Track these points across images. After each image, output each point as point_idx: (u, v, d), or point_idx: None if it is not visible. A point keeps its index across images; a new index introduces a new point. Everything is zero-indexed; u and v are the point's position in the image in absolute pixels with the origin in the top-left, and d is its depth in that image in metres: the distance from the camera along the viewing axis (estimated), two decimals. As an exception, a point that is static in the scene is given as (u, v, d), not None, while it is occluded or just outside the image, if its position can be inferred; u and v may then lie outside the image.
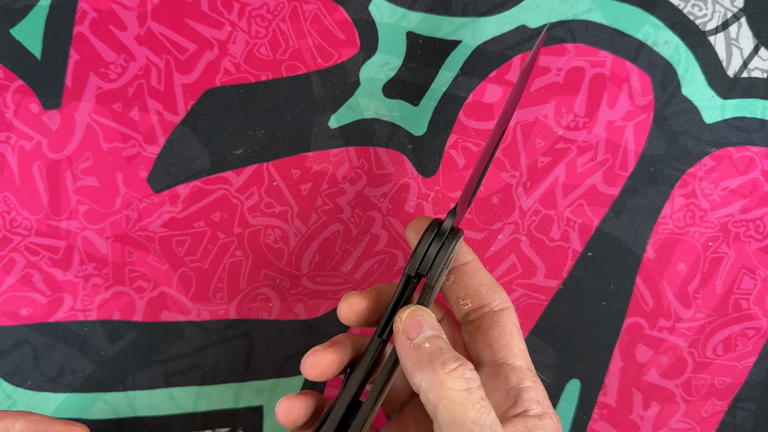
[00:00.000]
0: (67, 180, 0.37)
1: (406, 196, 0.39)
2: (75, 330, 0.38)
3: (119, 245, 0.38)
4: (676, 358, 0.40)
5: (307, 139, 0.38)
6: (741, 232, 0.39)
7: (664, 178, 0.39)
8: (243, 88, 0.37)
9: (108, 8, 0.36)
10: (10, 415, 0.32)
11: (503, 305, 0.31)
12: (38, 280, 0.37)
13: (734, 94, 0.39)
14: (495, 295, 0.31)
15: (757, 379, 0.40)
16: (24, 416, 0.32)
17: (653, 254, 0.39)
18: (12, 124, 0.37)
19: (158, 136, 0.37)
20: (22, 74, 0.36)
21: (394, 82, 0.38)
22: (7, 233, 0.37)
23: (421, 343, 0.27)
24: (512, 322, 0.31)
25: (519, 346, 0.30)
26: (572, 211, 0.39)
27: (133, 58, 0.37)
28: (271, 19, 0.37)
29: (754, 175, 0.39)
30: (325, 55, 0.37)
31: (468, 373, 0.26)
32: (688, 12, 0.38)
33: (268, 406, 0.39)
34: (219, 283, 0.38)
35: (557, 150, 0.39)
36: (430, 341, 0.27)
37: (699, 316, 0.40)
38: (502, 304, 0.31)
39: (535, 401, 0.28)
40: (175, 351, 0.38)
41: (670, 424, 0.40)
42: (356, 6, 0.37)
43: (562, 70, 0.38)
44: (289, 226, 0.38)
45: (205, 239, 0.38)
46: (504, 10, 0.38)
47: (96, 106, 0.37)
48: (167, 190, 0.38)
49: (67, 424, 0.33)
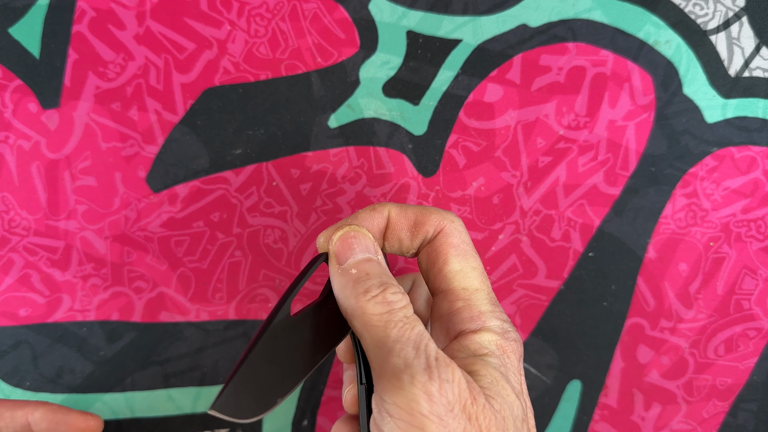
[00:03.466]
0: (66, 180, 0.37)
1: (406, 196, 0.39)
2: (74, 330, 0.38)
3: (118, 245, 0.38)
4: (677, 359, 0.40)
5: (306, 138, 0.38)
6: (742, 232, 0.39)
7: (666, 177, 0.39)
8: (242, 87, 0.37)
9: (107, 7, 0.36)
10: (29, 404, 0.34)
11: (437, 229, 0.29)
12: (37, 281, 0.37)
13: (736, 93, 0.38)
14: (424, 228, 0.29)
15: (759, 379, 0.40)
16: (42, 405, 0.34)
17: (654, 254, 0.39)
18: (10, 124, 0.36)
19: (157, 135, 0.37)
20: (21, 73, 0.36)
21: (394, 81, 0.38)
22: (6, 233, 0.37)
23: (348, 269, 0.26)
24: (448, 244, 0.28)
25: (453, 268, 0.28)
26: (573, 211, 0.39)
27: (131, 58, 0.37)
28: (270, 18, 0.37)
29: (755, 174, 0.39)
30: (324, 55, 0.37)
31: (390, 296, 0.25)
32: (689, 11, 0.38)
33: (268, 406, 0.39)
34: (218, 283, 0.38)
35: (558, 149, 0.39)
36: (357, 266, 0.26)
37: (700, 317, 0.40)
38: (435, 229, 0.29)
39: (467, 320, 0.27)
40: (174, 352, 0.38)
41: (672, 425, 0.40)
42: (356, 5, 0.37)
43: (563, 70, 0.38)
44: (289, 226, 0.38)
45: (204, 239, 0.38)
46: (504, 9, 0.37)
47: (95, 105, 0.37)
48: (166, 189, 0.38)
49: (83, 415, 0.35)
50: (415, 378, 0.23)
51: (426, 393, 0.23)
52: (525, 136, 0.38)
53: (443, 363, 0.24)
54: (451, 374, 0.23)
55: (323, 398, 0.39)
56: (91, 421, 0.34)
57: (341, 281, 0.26)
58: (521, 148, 0.38)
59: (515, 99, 0.38)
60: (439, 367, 0.23)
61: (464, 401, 0.23)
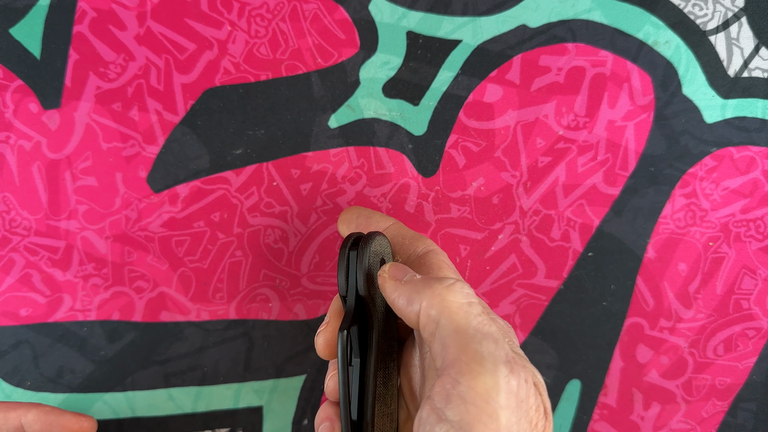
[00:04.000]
0: (67, 180, 0.37)
1: (406, 196, 0.39)
2: (74, 330, 0.38)
3: (119, 245, 0.38)
4: (676, 359, 0.40)
5: (307, 138, 0.38)
6: (742, 232, 0.39)
7: (665, 178, 0.39)
8: (243, 87, 0.37)
9: (107, 8, 0.36)
10: (22, 405, 0.34)
11: (427, 249, 0.31)
12: (38, 281, 0.37)
13: (735, 93, 0.39)
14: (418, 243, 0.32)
15: (758, 379, 0.40)
16: (36, 407, 0.34)
17: (654, 254, 0.39)
18: (11, 124, 0.37)
19: (158, 135, 0.37)
20: (22, 74, 0.36)
21: (394, 81, 0.38)
22: (7, 233, 0.37)
23: (411, 278, 0.28)
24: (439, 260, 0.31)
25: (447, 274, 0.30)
26: (573, 211, 0.39)
27: (132, 58, 0.37)
28: (270, 19, 0.37)
29: (754, 174, 0.39)
30: (324, 55, 0.37)
31: (467, 289, 0.26)
32: (688, 12, 0.38)
33: (268, 406, 0.39)
34: (219, 283, 0.38)
35: (558, 150, 0.39)
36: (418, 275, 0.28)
37: (700, 317, 0.40)
38: (426, 249, 0.31)
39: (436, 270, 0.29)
40: (174, 351, 0.38)
41: (671, 425, 0.40)
42: (356, 5, 0.37)
43: (562, 70, 0.38)
44: (289, 226, 0.38)
45: (204, 239, 0.38)
46: (504, 10, 0.38)
47: (95, 105, 0.37)
48: (167, 190, 0.38)
49: (77, 416, 0.35)
50: (498, 368, 0.24)
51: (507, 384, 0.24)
52: (525, 136, 0.38)
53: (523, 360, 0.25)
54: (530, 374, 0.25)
55: (323, 398, 0.39)
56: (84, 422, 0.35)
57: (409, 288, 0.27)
58: (521, 148, 0.38)
59: (515, 99, 0.38)
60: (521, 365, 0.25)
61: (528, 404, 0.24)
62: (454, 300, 0.26)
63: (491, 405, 0.23)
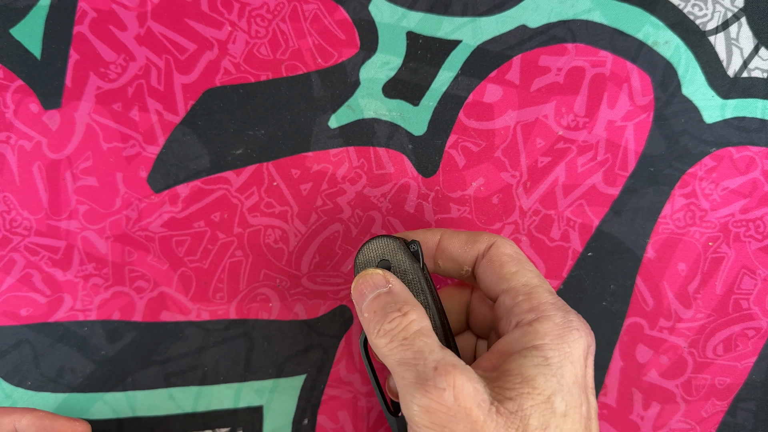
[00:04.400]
0: (67, 180, 0.37)
1: (406, 196, 0.39)
2: (75, 330, 0.38)
3: (119, 245, 0.38)
4: (676, 358, 0.40)
5: (307, 139, 0.38)
6: (741, 232, 0.39)
7: (665, 178, 0.39)
8: (243, 87, 0.37)
9: (108, 8, 0.36)
10: (16, 411, 0.34)
11: (487, 244, 0.31)
12: (38, 280, 0.37)
13: (734, 94, 0.39)
14: (476, 245, 0.31)
15: (758, 379, 0.40)
16: (29, 412, 0.34)
17: (653, 254, 0.39)
18: (12, 124, 0.37)
19: (158, 136, 0.37)
20: (22, 74, 0.36)
21: (394, 81, 0.38)
22: (7, 233, 0.37)
23: (362, 314, 0.29)
24: (500, 252, 0.30)
25: (510, 270, 0.30)
26: (572, 211, 0.39)
27: (132, 58, 0.37)
28: (271, 19, 0.37)
29: (754, 175, 0.39)
30: (325, 55, 0.37)
31: (386, 326, 0.27)
32: (688, 12, 0.38)
33: (268, 406, 0.39)
34: (219, 283, 0.38)
35: (557, 150, 0.39)
36: (368, 309, 0.28)
37: (699, 316, 0.40)
38: (486, 245, 0.31)
39: (525, 312, 0.28)
40: (174, 351, 0.38)
41: (671, 424, 0.40)
42: (356, 6, 0.37)
43: (562, 70, 0.38)
44: (289, 226, 0.38)
45: (205, 239, 0.38)
46: (504, 10, 0.38)
47: (96, 106, 0.37)
48: (167, 190, 0.38)
49: (70, 421, 0.35)
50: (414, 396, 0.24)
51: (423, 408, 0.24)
52: (524, 136, 0.38)
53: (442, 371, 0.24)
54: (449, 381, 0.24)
55: (324, 397, 0.39)
56: (78, 427, 0.35)
57: (364, 326, 0.29)
58: (521, 148, 0.39)
59: (515, 99, 0.38)
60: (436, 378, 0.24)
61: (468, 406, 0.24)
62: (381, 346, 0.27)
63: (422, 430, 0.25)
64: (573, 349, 0.26)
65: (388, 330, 0.27)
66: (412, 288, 0.30)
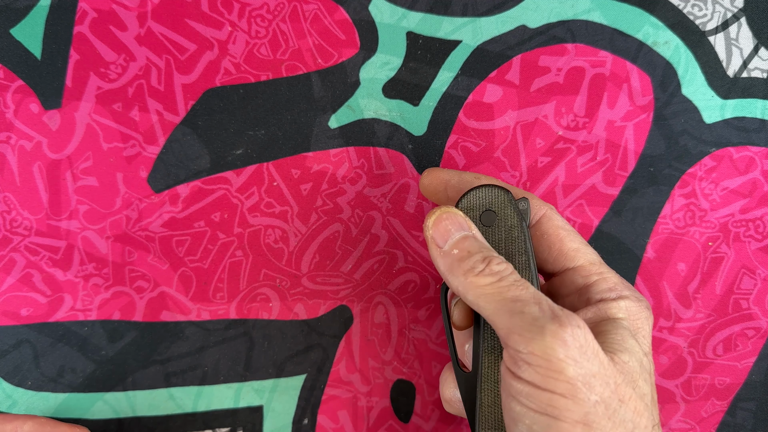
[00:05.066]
0: (67, 180, 0.37)
1: (406, 196, 0.39)
2: (75, 330, 0.38)
3: (119, 245, 0.38)
4: (675, 358, 0.40)
5: (307, 139, 0.38)
6: (741, 232, 0.39)
7: (664, 178, 0.39)
8: (243, 88, 0.37)
9: (108, 8, 0.36)
10: (18, 417, 0.35)
11: (540, 212, 0.31)
12: (38, 280, 0.37)
13: (734, 94, 0.39)
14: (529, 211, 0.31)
15: (757, 379, 0.40)
16: (31, 419, 0.35)
17: (653, 254, 0.39)
18: (12, 124, 0.37)
19: (158, 136, 0.37)
20: (23, 74, 0.36)
21: (394, 82, 0.38)
22: (7, 233, 0.37)
23: (449, 251, 0.28)
24: (556, 226, 0.31)
25: (572, 246, 0.31)
26: (572, 211, 0.39)
27: (133, 58, 0.37)
28: (271, 19, 0.37)
29: (754, 175, 0.39)
30: (325, 55, 0.37)
31: (495, 267, 0.27)
32: (688, 12, 0.38)
33: (268, 406, 0.39)
34: (219, 283, 0.38)
35: (557, 150, 0.39)
36: (457, 246, 0.28)
37: (699, 316, 0.40)
38: (538, 213, 0.31)
39: (606, 291, 0.29)
40: (175, 351, 0.38)
41: (670, 424, 0.40)
42: (356, 6, 0.37)
43: (562, 70, 0.38)
44: (289, 226, 0.38)
45: (205, 239, 0.38)
46: (504, 10, 0.38)
47: (96, 106, 0.37)
48: (167, 190, 0.38)
49: (71, 427, 0.35)
50: (546, 328, 0.24)
51: (560, 339, 0.24)
52: (524, 136, 0.38)
53: (568, 312, 0.25)
54: (580, 321, 0.25)
55: (324, 397, 0.39)
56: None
57: (445, 263, 0.28)
58: (520, 148, 0.39)
59: (514, 100, 0.38)
60: (567, 316, 0.25)
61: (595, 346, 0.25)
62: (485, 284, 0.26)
63: (554, 362, 0.24)
64: (646, 325, 0.29)
65: (497, 271, 0.27)
66: (515, 246, 0.29)
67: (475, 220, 0.30)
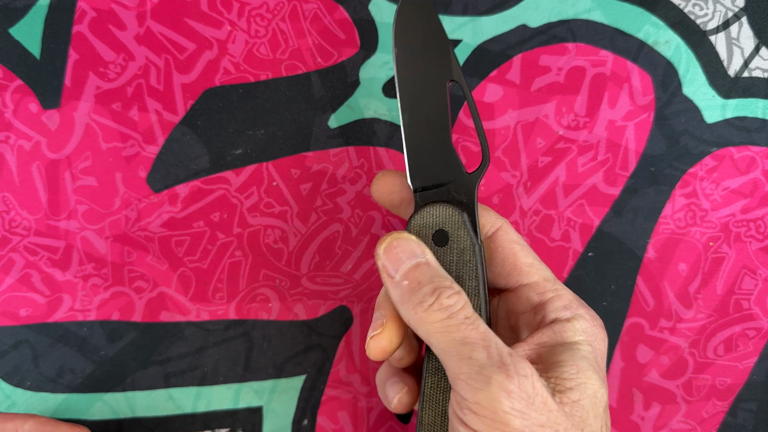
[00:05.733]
0: (67, 180, 0.37)
1: (406, 196, 0.39)
2: (74, 330, 0.38)
3: (118, 245, 0.38)
4: (676, 359, 0.40)
5: (306, 138, 0.38)
6: (742, 232, 0.39)
7: (665, 177, 0.39)
8: (242, 87, 0.37)
9: (107, 8, 0.36)
10: (19, 416, 0.34)
11: (494, 226, 0.30)
12: (37, 281, 0.37)
13: (735, 93, 0.39)
14: (482, 220, 0.30)
15: (758, 379, 0.40)
16: (32, 418, 0.34)
17: (654, 254, 0.39)
18: (11, 124, 0.37)
19: (157, 135, 0.37)
20: (21, 74, 0.36)
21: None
22: (6, 233, 0.37)
23: (400, 282, 0.27)
24: (510, 240, 0.30)
25: (526, 261, 0.29)
26: (573, 211, 0.39)
27: (132, 58, 0.37)
28: (270, 19, 0.37)
29: (755, 175, 0.39)
30: (324, 55, 0.37)
31: (445, 301, 0.26)
32: (688, 11, 0.38)
33: (268, 406, 0.39)
34: (218, 283, 0.38)
35: (558, 150, 0.39)
36: (407, 276, 0.27)
37: (700, 317, 0.40)
38: (492, 226, 0.30)
39: (561, 308, 0.28)
40: (174, 351, 0.38)
41: (671, 425, 0.40)
42: (356, 5, 0.37)
43: (562, 70, 0.38)
44: (289, 226, 0.38)
45: (204, 239, 0.38)
46: (504, 10, 0.38)
47: (95, 105, 0.37)
48: (166, 190, 0.38)
49: (72, 427, 0.35)
50: (492, 378, 0.24)
51: (506, 391, 0.23)
52: (525, 136, 0.38)
53: (516, 359, 0.24)
54: (527, 369, 0.24)
55: (323, 398, 0.39)
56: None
57: (396, 294, 0.27)
58: (521, 148, 0.38)
59: (515, 99, 0.38)
60: (515, 363, 0.24)
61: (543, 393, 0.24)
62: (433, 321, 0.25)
63: (500, 414, 0.23)
64: (602, 345, 0.28)
65: (446, 306, 0.25)
66: (466, 270, 0.28)
67: (428, 238, 0.28)
